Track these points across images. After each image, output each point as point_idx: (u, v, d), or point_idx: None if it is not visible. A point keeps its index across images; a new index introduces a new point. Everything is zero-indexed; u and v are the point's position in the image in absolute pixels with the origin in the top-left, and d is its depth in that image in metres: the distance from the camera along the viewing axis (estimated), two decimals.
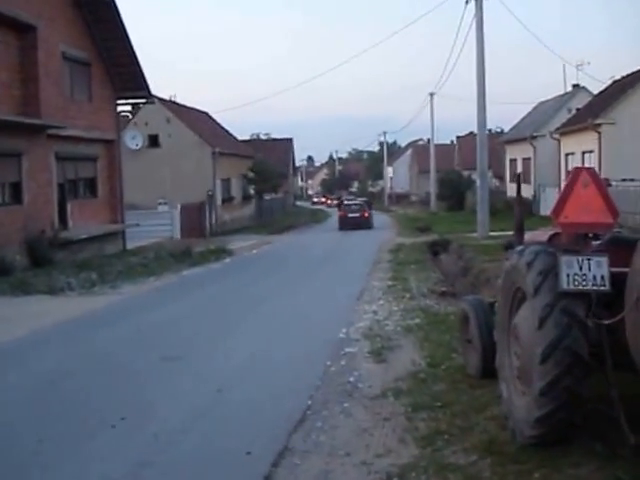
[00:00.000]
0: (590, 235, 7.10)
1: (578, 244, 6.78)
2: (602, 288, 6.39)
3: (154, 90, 35.84)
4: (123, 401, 9.60)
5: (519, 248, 7.35)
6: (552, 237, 7.80)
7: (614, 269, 6.44)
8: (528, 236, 8.93)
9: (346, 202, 62.43)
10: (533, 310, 6.61)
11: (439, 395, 9.02)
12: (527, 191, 48.15)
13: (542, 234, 8.68)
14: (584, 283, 6.37)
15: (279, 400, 9.49)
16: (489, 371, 9.11)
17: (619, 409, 6.28)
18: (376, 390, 9.65)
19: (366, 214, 57.04)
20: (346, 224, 55.41)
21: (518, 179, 9.84)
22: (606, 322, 6.33)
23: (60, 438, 8.18)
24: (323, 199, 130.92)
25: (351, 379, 10.34)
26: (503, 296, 7.74)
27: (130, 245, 33.97)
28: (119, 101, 34.95)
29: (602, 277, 6.39)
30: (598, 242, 7.07)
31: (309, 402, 9.25)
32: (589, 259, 6.40)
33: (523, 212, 9.45)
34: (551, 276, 6.52)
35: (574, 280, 6.37)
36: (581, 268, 6.38)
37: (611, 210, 6.80)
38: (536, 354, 6.47)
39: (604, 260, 6.41)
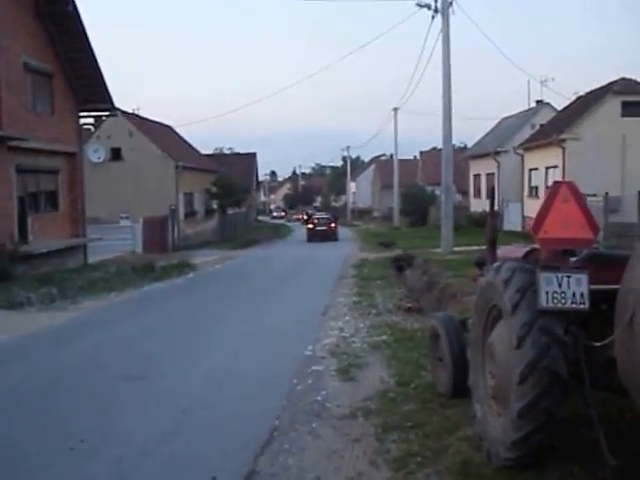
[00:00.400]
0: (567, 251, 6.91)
1: (557, 260, 6.57)
2: (581, 306, 6.22)
3: (117, 103, 35.53)
4: (83, 422, 9.25)
5: (496, 264, 7.13)
6: (528, 253, 7.61)
7: (592, 286, 6.27)
8: (501, 252, 8.72)
9: (315, 216, 66.69)
10: (510, 328, 6.42)
11: (410, 415, 8.81)
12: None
13: (516, 250, 8.50)
14: (563, 301, 6.20)
15: (245, 420, 9.24)
16: (460, 390, 8.95)
17: (599, 430, 6.09)
18: (345, 410, 9.41)
19: (332, 227, 60.96)
20: (314, 236, 59.37)
21: (492, 193, 9.64)
22: (598, 344, 6.14)
23: (16, 463, 7.85)
24: (282, 213, 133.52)
25: (319, 398, 10.11)
26: (477, 313, 7.54)
27: (92, 259, 33.49)
28: (82, 113, 34.47)
29: (582, 295, 6.22)
30: (575, 258, 6.88)
31: (276, 422, 8.99)
32: (569, 276, 6.23)
33: (496, 227, 9.23)
34: (529, 294, 6.34)
35: (553, 298, 6.19)
36: (560, 285, 6.21)
37: (591, 225, 6.62)
38: (514, 374, 6.27)
39: (584, 277, 6.23)
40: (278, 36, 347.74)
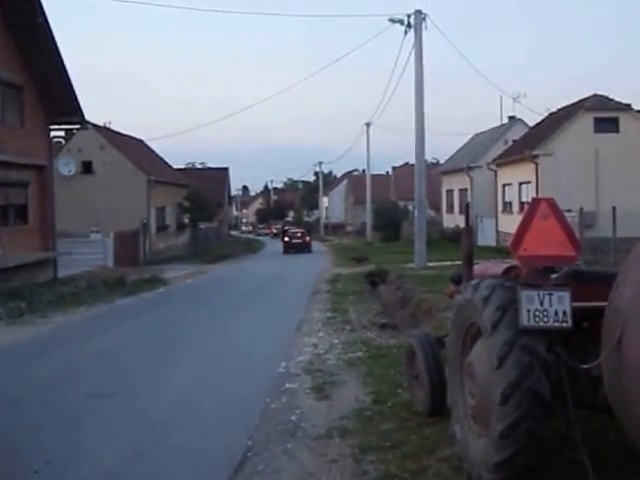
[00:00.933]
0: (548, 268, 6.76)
1: (537, 278, 6.41)
2: (564, 324, 6.05)
3: (88, 116, 35.28)
4: (49, 443, 8.95)
5: (474, 281, 6.96)
6: (507, 270, 7.46)
7: (574, 304, 6.12)
8: (478, 268, 8.56)
9: (290, 231, 73.70)
10: (491, 348, 6.24)
11: (387, 435, 8.58)
12: (464, 222, 48.64)
13: (493, 266, 8.36)
14: (545, 319, 6.02)
15: (217, 440, 9.00)
16: (437, 408, 8.79)
17: (583, 451, 5.92)
18: (320, 429, 9.16)
19: (307, 240, 68.08)
20: (290, 248, 65.92)
21: (467, 209, 9.51)
22: (585, 366, 5.98)
23: None
24: (251, 228, 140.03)
25: (293, 417, 9.85)
26: (455, 331, 7.36)
27: (62, 274, 33.14)
28: (52, 126, 34.12)
29: (564, 313, 6.05)
30: (555, 276, 6.73)
31: (249, 443, 8.72)
32: (550, 294, 6.06)
33: (472, 243, 9.07)
34: (510, 312, 6.16)
35: (535, 316, 6.02)
36: (542, 303, 6.04)
37: (573, 242, 6.47)
38: (495, 394, 6.09)
39: (566, 295, 6.07)
40: (251, 52, 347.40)
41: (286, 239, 69.15)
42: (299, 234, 69.38)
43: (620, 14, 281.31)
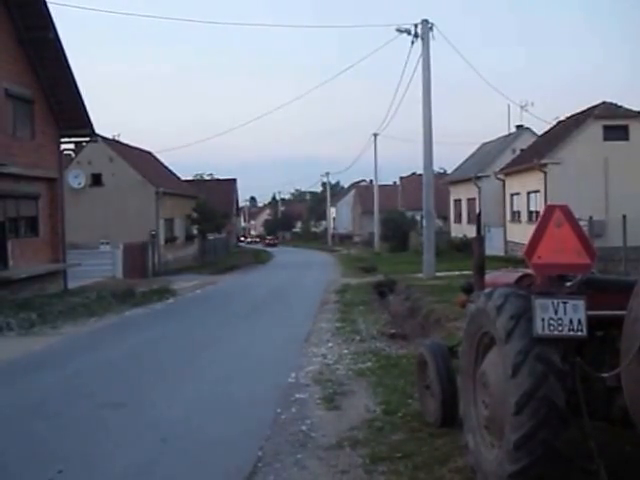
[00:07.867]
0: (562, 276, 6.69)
1: (552, 286, 6.36)
2: (579, 333, 5.99)
3: (98, 129, 35.33)
4: (61, 452, 8.94)
5: (487, 290, 6.91)
6: (520, 278, 7.41)
7: (589, 313, 6.07)
8: (489, 277, 8.50)
9: (268, 237, 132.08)
10: (504, 357, 6.19)
11: (398, 445, 8.52)
12: (472, 231, 48.46)
13: (504, 276, 8.32)
14: (560, 328, 5.96)
15: (227, 451, 8.96)
16: (449, 419, 8.74)
17: (600, 463, 5.85)
18: (331, 440, 9.12)
19: (276, 242, 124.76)
20: (267, 244, 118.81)
21: (478, 219, 9.47)
22: (605, 375, 5.92)
23: None
24: (257, 239, 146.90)
25: (303, 428, 9.82)
26: (467, 341, 7.31)
27: (72, 285, 33.15)
28: (62, 139, 34.18)
29: (579, 321, 5.99)
30: (569, 284, 6.66)
31: (259, 453, 8.68)
32: (565, 302, 6.00)
33: (483, 252, 9.01)
34: (523, 320, 6.10)
35: (549, 325, 5.96)
36: (556, 312, 5.98)
37: (588, 250, 6.41)
38: (509, 404, 6.03)
39: (581, 303, 6.01)
40: (258, 63, 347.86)
41: (266, 241, 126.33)
42: (272, 238, 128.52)
43: (628, 21, 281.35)
